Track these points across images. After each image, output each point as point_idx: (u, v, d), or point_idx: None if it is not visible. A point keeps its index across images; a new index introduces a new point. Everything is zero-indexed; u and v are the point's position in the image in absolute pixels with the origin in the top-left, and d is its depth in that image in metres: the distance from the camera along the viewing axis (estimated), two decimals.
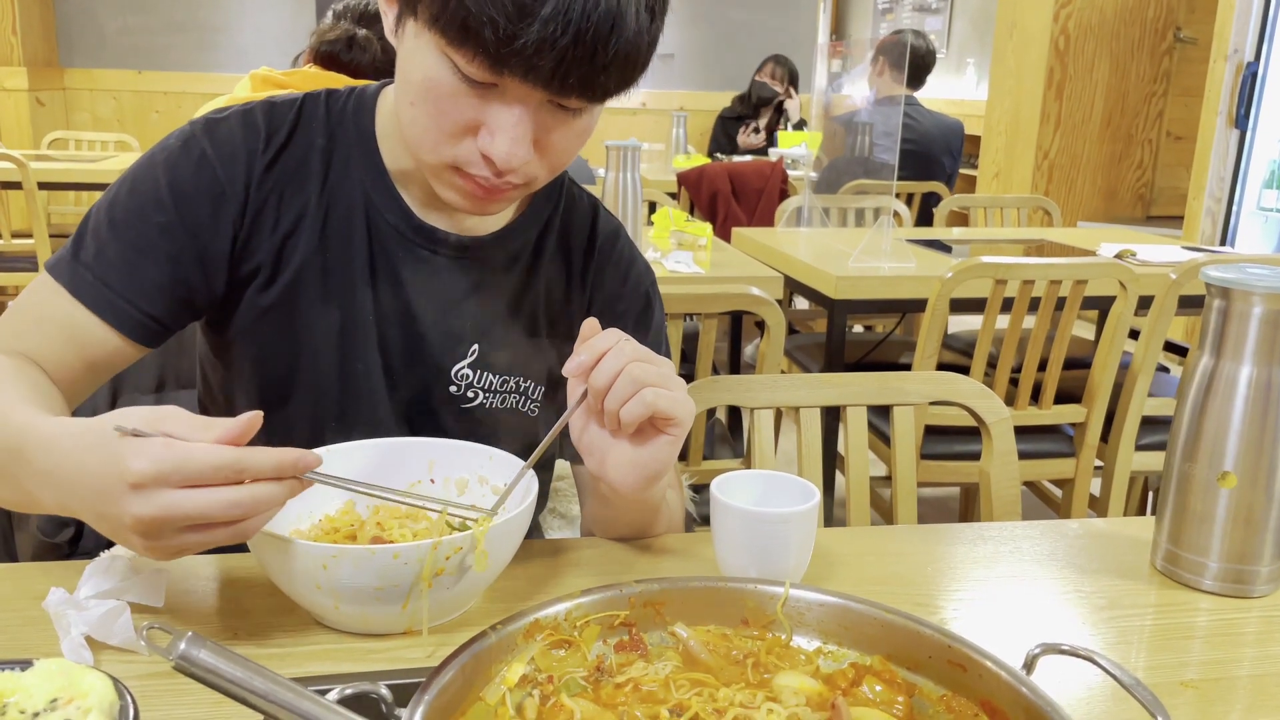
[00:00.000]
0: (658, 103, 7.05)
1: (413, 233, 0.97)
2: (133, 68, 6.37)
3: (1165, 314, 2.17)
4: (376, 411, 0.99)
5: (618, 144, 2.42)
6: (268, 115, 0.95)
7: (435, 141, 0.83)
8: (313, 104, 0.97)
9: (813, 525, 0.86)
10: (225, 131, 0.93)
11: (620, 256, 1.06)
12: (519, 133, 0.80)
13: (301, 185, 0.95)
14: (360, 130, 0.97)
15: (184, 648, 0.52)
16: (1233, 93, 4.39)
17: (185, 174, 0.91)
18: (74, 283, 0.90)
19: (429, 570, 0.76)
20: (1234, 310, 0.89)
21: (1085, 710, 0.74)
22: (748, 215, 4.15)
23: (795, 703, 0.67)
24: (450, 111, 0.81)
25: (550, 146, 0.84)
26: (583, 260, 1.04)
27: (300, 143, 0.95)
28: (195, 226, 0.91)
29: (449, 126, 0.82)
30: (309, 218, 0.95)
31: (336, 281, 0.96)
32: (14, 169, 3.39)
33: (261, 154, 0.93)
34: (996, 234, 3.50)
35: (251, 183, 0.93)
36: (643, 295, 1.06)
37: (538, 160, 0.85)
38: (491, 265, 1.00)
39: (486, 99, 0.80)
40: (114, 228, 0.91)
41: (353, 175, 0.96)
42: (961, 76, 6.77)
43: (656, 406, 0.78)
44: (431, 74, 0.79)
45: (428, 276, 0.98)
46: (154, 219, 0.90)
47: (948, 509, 3.11)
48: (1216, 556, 0.92)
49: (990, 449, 1.31)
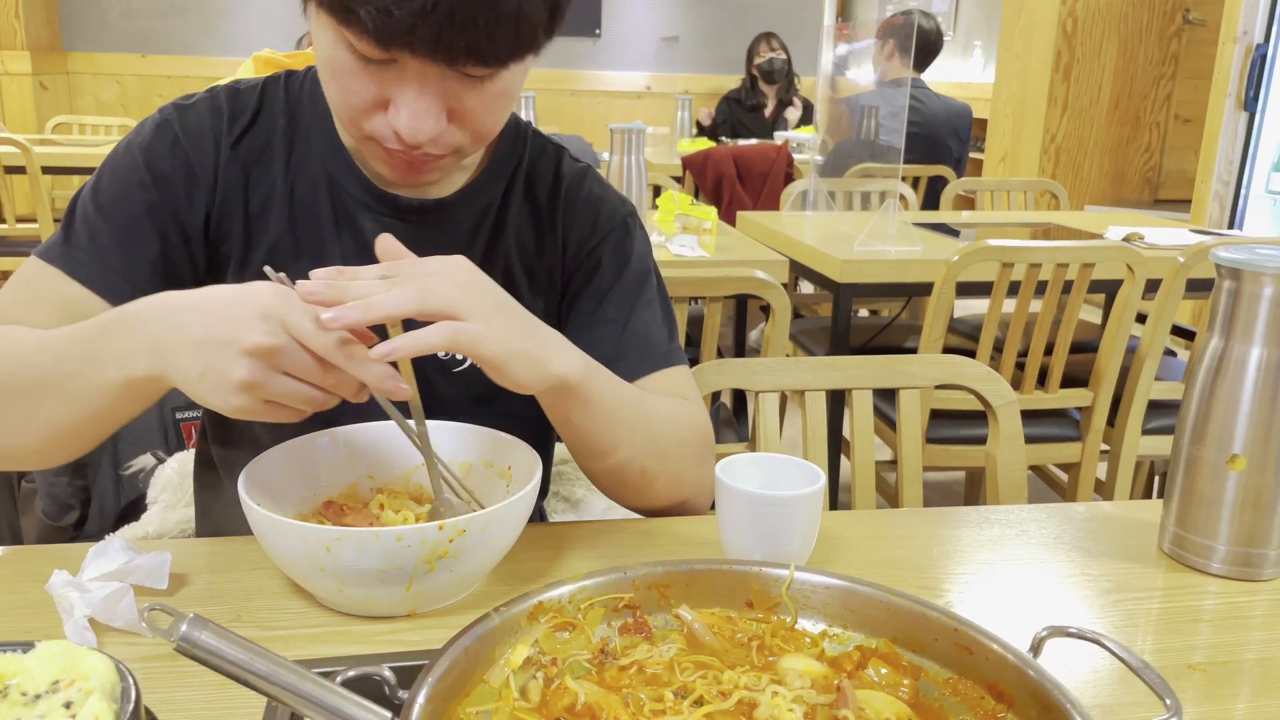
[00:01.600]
0: (662, 86, 7.02)
1: (376, 202, 0.98)
2: (136, 51, 6.35)
3: (1173, 297, 2.16)
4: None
5: (622, 126, 2.41)
6: (231, 99, 0.98)
7: (350, 118, 0.85)
8: (274, 87, 1.00)
9: (818, 508, 0.86)
10: (194, 116, 0.97)
11: (589, 195, 1.04)
12: (421, 106, 0.81)
13: (267, 167, 0.97)
14: (317, 108, 0.98)
15: (185, 629, 0.51)
16: (1242, 75, 4.35)
17: (162, 155, 0.95)
18: (70, 264, 0.91)
19: (432, 553, 0.75)
20: (1244, 291, 0.88)
21: (1092, 693, 0.74)
22: (753, 199, 4.13)
23: (800, 685, 0.66)
24: (356, 89, 0.82)
25: (467, 114, 0.84)
26: (549, 205, 1.03)
27: (263, 125, 0.98)
28: (175, 205, 0.95)
29: (358, 103, 0.83)
30: (276, 198, 0.97)
31: (309, 260, 0.96)
32: (18, 153, 3.39)
33: (226, 136, 0.96)
34: (1003, 217, 3.49)
35: (219, 165, 0.96)
36: (619, 226, 1.04)
37: (456, 129, 0.85)
38: (460, 224, 1.00)
39: (387, 74, 0.80)
40: (101, 211, 0.93)
41: (313, 153, 0.98)
42: (968, 59, 6.73)
43: (424, 340, 0.74)
44: (332, 53, 0.81)
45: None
46: (138, 198, 0.94)
47: (953, 494, 3.11)
48: (1225, 539, 0.91)
49: (996, 432, 1.30)
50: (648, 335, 1.02)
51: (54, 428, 0.83)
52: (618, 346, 1.00)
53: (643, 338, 1.02)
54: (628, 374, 0.99)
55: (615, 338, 1.01)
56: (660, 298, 1.06)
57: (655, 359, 1.01)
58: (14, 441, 0.85)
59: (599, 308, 1.02)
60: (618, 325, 1.01)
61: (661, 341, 1.03)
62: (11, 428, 0.85)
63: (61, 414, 0.82)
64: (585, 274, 1.03)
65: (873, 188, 3.51)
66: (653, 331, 1.03)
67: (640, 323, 1.02)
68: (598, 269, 1.03)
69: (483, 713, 0.63)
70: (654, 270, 1.07)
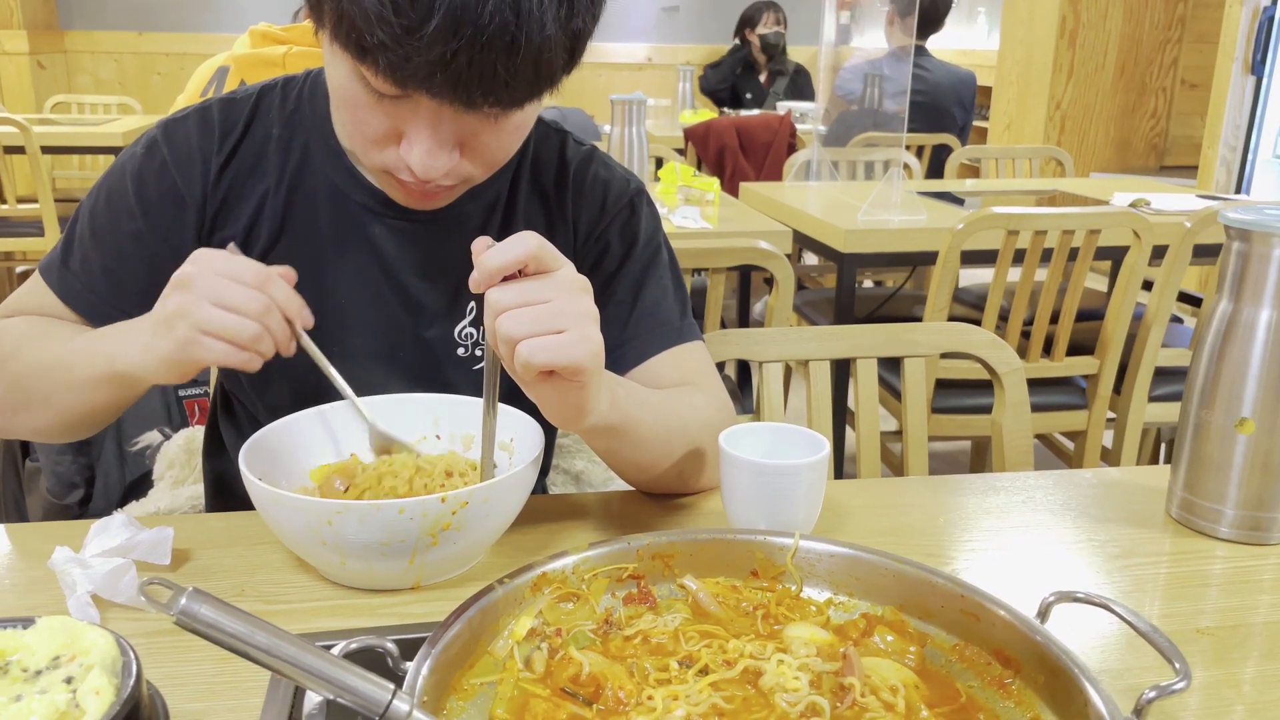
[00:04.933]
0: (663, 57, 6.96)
1: (382, 207, 0.96)
2: (133, 29, 6.30)
3: (1180, 263, 2.14)
4: (386, 388, 0.98)
5: (622, 98, 2.39)
6: (224, 112, 0.97)
7: (363, 149, 0.85)
8: (269, 95, 0.99)
9: (823, 477, 0.85)
10: (182, 135, 0.96)
11: (596, 178, 1.03)
12: (434, 144, 0.80)
13: (261, 178, 0.96)
14: (316, 115, 0.97)
15: (185, 603, 0.51)
16: (1249, 38, 4.30)
17: (149, 181, 0.95)
18: (64, 289, 0.96)
19: (435, 526, 0.75)
20: (1254, 253, 0.87)
21: (1099, 658, 0.73)
22: (755, 170, 4.10)
23: (806, 654, 0.66)
24: (369, 121, 0.81)
25: (479, 149, 0.83)
26: (557, 192, 1.02)
27: (257, 135, 0.97)
28: (165, 230, 0.95)
29: (371, 135, 0.82)
30: (269, 208, 0.96)
31: (305, 267, 0.95)
32: (17, 133, 3.37)
33: (216, 154, 0.96)
34: (1008, 185, 3.46)
35: (208, 184, 0.96)
36: (626, 206, 1.04)
37: (468, 162, 0.84)
38: (469, 221, 0.99)
39: (400, 109, 0.79)
40: (95, 237, 0.96)
41: (312, 161, 0.97)
42: (973, 26, 6.66)
43: (533, 363, 0.71)
44: (345, 84, 0.80)
45: (408, 245, 0.97)
46: (126, 228, 0.95)
47: (958, 464, 3.11)
48: (1233, 504, 0.91)
49: (1003, 400, 1.29)
50: (659, 313, 1.02)
51: (66, 411, 0.91)
52: (630, 325, 1.00)
53: (654, 315, 1.01)
54: (641, 352, 0.99)
55: (627, 317, 1.00)
56: (672, 273, 1.05)
57: (668, 336, 1.01)
58: (35, 421, 0.94)
59: (609, 289, 1.01)
60: (628, 305, 1.01)
61: (674, 318, 1.02)
62: (31, 408, 0.92)
63: (70, 400, 0.89)
64: (595, 256, 1.02)
65: (876, 157, 3.48)
66: (664, 308, 1.02)
67: (651, 300, 1.02)
68: (607, 251, 1.02)
69: (487, 684, 0.63)
70: (665, 246, 1.06)
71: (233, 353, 0.77)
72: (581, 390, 0.75)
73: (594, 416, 0.79)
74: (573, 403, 0.76)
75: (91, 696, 0.50)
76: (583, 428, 0.81)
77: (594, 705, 0.61)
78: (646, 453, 0.91)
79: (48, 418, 0.93)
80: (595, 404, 0.78)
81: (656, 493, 0.99)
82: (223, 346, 0.76)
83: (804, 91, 5.57)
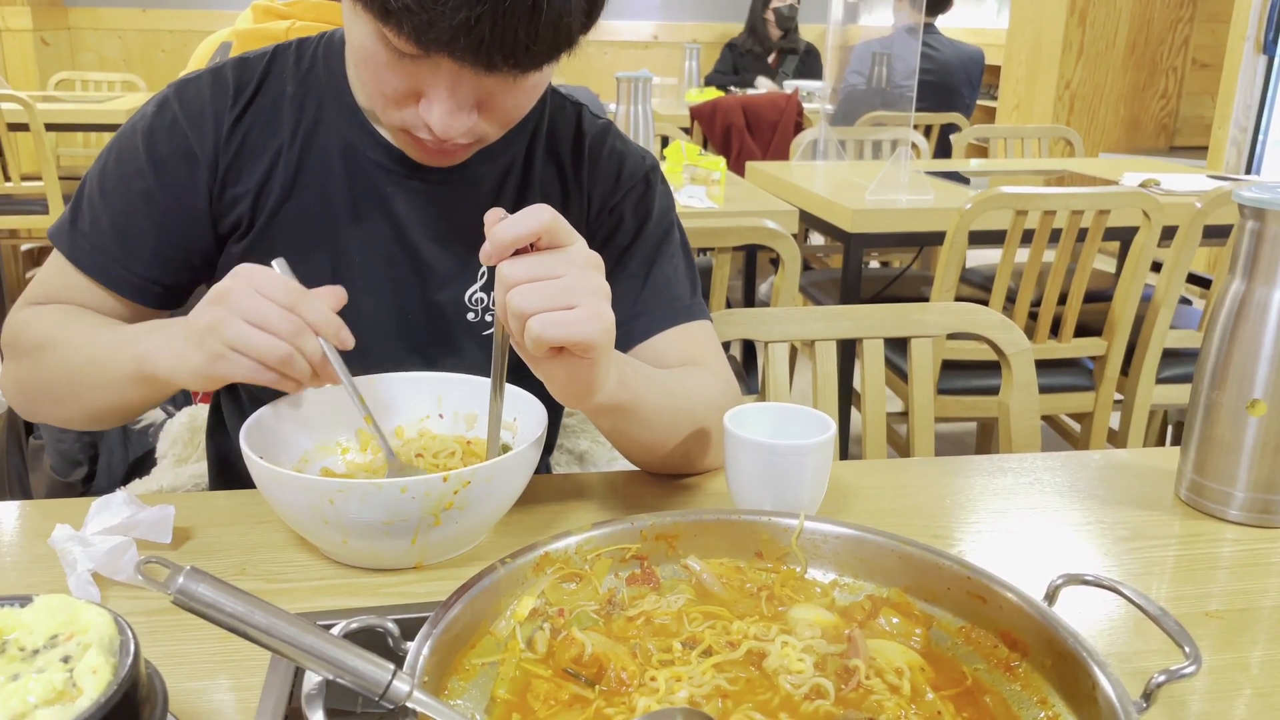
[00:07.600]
0: (669, 35, 6.91)
1: (397, 165, 0.96)
2: (137, 6, 6.27)
3: (1189, 244, 2.13)
4: (394, 352, 0.97)
5: (628, 75, 2.37)
6: (238, 71, 0.97)
7: (381, 107, 0.85)
8: (283, 54, 0.99)
9: (828, 457, 0.84)
10: (194, 92, 0.96)
11: (611, 151, 1.03)
12: (454, 104, 0.81)
13: (274, 134, 0.96)
14: (331, 74, 0.97)
15: (182, 582, 0.50)
16: (1261, 17, 4.25)
17: (160, 139, 0.94)
18: (74, 252, 0.95)
19: (437, 505, 0.74)
20: (1267, 232, 0.86)
21: (1107, 641, 0.73)
22: (762, 149, 4.08)
23: (810, 635, 0.65)
24: (389, 79, 0.81)
25: (496, 108, 0.84)
26: (573, 161, 1.02)
27: (270, 93, 0.96)
28: (175, 188, 0.94)
29: (390, 93, 0.82)
30: (281, 166, 0.96)
31: (317, 226, 0.96)
32: (21, 110, 3.35)
33: (229, 110, 0.95)
34: (1017, 165, 3.43)
35: (220, 140, 0.95)
36: (641, 181, 1.03)
37: (485, 122, 0.85)
38: (483, 184, 0.99)
39: (420, 69, 0.79)
40: (104, 196, 0.95)
41: (327, 120, 0.96)
42: (981, 4, 6.60)
43: (544, 338, 0.71)
44: (367, 43, 0.80)
45: (422, 207, 0.97)
46: (136, 186, 0.94)
47: (964, 446, 3.10)
48: (1243, 486, 0.90)
49: (1010, 381, 1.28)
50: (669, 289, 1.01)
51: (93, 405, 0.91)
52: (639, 301, 1.00)
53: (664, 292, 1.01)
54: (649, 328, 0.99)
55: (637, 292, 1.00)
56: (683, 251, 1.05)
57: (677, 313, 1.01)
58: (63, 412, 0.95)
59: (621, 263, 1.01)
60: (639, 280, 1.00)
61: (684, 295, 1.02)
62: (59, 400, 0.93)
63: (98, 395, 0.90)
64: (608, 230, 1.02)
65: (884, 136, 3.46)
66: (674, 285, 1.02)
67: (662, 277, 1.01)
68: (620, 224, 1.02)
69: (489, 664, 0.62)
70: (676, 224, 1.06)
71: (259, 371, 0.76)
72: (591, 367, 0.75)
73: (602, 394, 0.79)
74: (581, 380, 0.76)
75: (89, 675, 0.50)
76: (590, 406, 0.81)
77: (596, 686, 0.60)
78: (652, 432, 0.90)
79: (74, 410, 0.93)
80: (603, 382, 0.78)
81: (661, 473, 0.98)
82: (250, 364, 0.76)
83: (814, 71, 5.54)
